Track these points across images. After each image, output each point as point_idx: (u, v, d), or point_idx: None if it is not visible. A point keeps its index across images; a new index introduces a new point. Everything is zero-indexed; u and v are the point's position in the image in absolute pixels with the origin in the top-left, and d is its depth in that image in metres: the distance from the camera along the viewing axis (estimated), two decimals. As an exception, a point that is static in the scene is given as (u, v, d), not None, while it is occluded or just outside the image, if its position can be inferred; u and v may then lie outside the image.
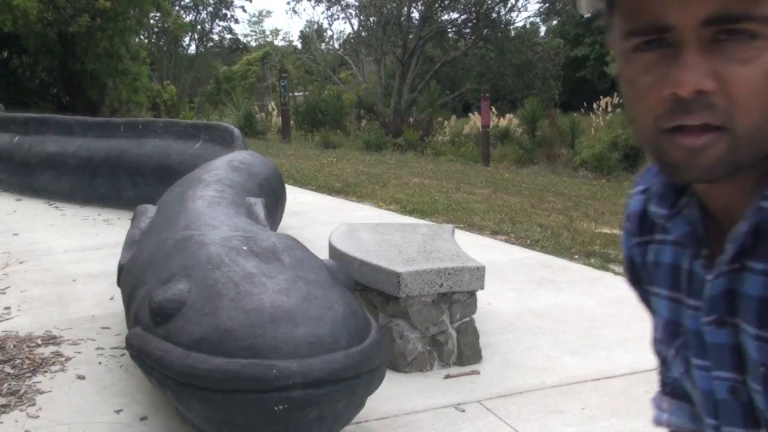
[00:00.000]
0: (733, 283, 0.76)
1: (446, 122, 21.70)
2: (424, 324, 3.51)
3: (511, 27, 26.71)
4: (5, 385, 3.33)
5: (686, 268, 0.85)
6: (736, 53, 0.65)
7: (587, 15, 0.74)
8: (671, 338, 0.89)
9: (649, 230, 0.91)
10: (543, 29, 38.01)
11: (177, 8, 26.17)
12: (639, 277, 0.98)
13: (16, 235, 6.56)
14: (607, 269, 5.39)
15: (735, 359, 0.78)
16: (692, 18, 0.64)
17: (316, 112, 20.79)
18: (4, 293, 4.80)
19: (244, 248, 2.92)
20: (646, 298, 0.98)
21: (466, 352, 3.60)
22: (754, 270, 0.74)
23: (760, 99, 0.66)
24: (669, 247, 0.87)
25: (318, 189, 9.37)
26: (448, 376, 3.48)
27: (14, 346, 3.81)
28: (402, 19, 24.01)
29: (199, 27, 29.68)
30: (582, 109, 23.72)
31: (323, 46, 33.07)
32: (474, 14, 25.13)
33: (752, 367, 0.76)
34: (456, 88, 27.61)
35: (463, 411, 3.12)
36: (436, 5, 24.37)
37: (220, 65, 33.16)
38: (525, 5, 63.79)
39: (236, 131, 6.88)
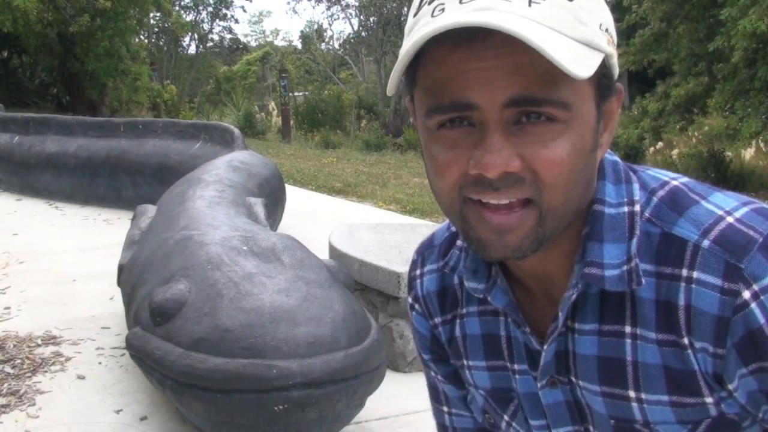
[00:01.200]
0: (561, 344, 0.79)
1: (446, 122, 21.66)
2: (424, 324, 3.51)
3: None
4: (5, 385, 3.33)
5: (504, 335, 0.85)
6: (537, 135, 0.67)
7: (391, 94, 0.74)
8: (502, 405, 0.89)
9: (452, 307, 0.91)
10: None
11: (177, 8, 26.17)
12: (443, 356, 0.96)
13: (16, 235, 6.55)
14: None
15: (573, 413, 0.82)
16: (495, 99, 0.65)
17: (316, 112, 20.77)
18: (4, 293, 4.80)
19: (244, 248, 2.92)
20: (450, 375, 0.97)
21: None
22: (583, 331, 0.77)
23: (564, 178, 0.68)
24: (476, 318, 0.88)
25: (318, 189, 9.37)
26: (448, 376, 3.48)
27: (14, 346, 3.81)
28: (402, 19, 23.99)
29: (199, 27, 29.68)
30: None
31: (323, 46, 33.08)
32: (474, 14, 25.03)
33: (598, 420, 0.79)
34: (456, 88, 27.55)
35: (463, 411, 3.12)
36: (436, 5, 24.26)
37: (220, 65, 33.14)
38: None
39: (236, 131, 6.88)
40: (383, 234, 4.20)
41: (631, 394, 0.75)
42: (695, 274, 0.69)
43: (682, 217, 0.72)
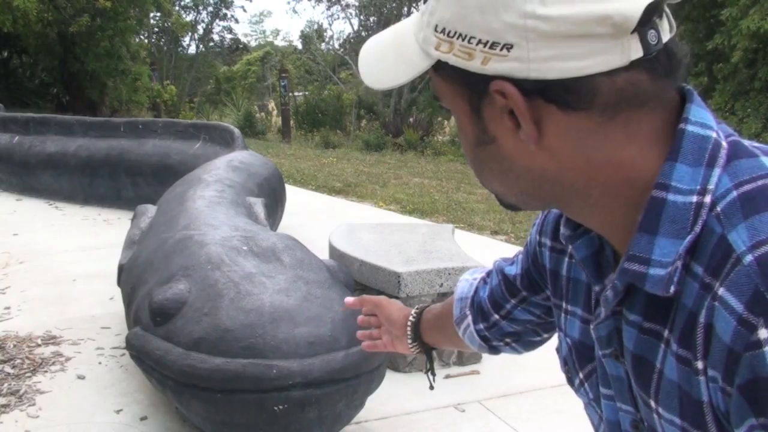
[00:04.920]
0: (609, 326, 0.76)
1: (446, 122, 21.68)
2: (424, 324, 3.51)
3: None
4: (5, 385, 3.33)
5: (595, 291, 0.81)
6: None
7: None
8: (581, 362, 0.86)
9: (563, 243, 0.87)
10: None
11: (177, 8, 26.16)
12: (539, 284, 0.96)
13: (16, 235, 6.55)
14: (607, 269, 5.39)
15: (632, 395, 0.77)
16: None
17: (316, 112, 20.77)
18: (4, 293, 4.80)
19: (244, 248, 2.92)
20: (542, 306, 0.97)
21: (466, 352, 3.60)
22: (628, 320, 0.72)
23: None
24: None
25: (318, 189, 9.37)
26: (448, 376, 3.48)
27: (14, 346, 3.81)
28: (402, 18, 24.02)
29: (199, 27, 29.68)
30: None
31: (323, 46, 33.06)
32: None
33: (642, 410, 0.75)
34: (456, 88, 27.58)
35: (463, 411, 3.12)
36: (437, 5, 24.29)
37: (220, 65, 33.13)
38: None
39: (236, 131, 6.89)
40: (383, 234, 4.20)
41: (653, 404, 0.70)
42: (721, 291, 0.60)
43: (747, 221, 0.61)
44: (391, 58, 0.75)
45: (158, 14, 21.42)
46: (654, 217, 0.66)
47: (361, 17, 26.12)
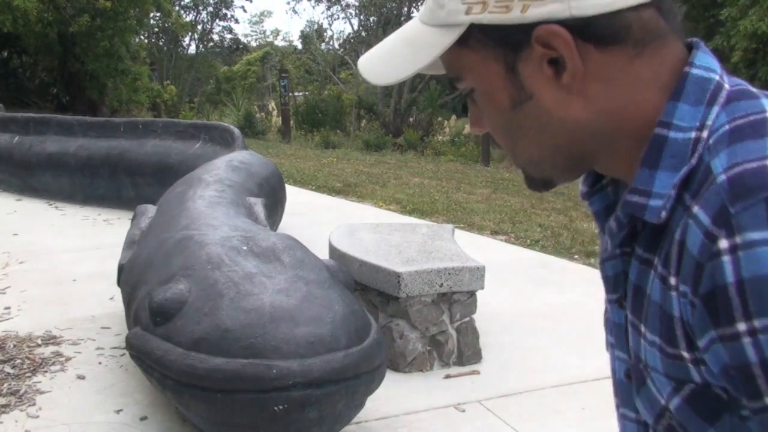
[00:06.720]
0: (617, 266, 0.78)
1: (446, 122, 21.68)
2: (424, 324, 3.51)
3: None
4: (5, 385, 3.33)
5: None
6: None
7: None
8: (607, 321, 0.87)
9: (594, 182, 0.89)
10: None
11: (177, 8, 26.16)
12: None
13: (16, 235, 6.55)
14: (607, 269, 5.39)
15: (627, 342, 0.79)
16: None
17: (316, 112, 20.77)
18: (4, 293, 4.80)
19: (244, 248, 2.92)
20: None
21: (466, 352, 3.60)
22: (635, 255, 0.75)
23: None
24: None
25: (318, 189, 9.37)
26: (448, 376, 3.48)
27: (14, 346, 3.81)
28: (402, 19, 24.00)
29: (199, 27, 29.68)
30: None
31: (323, 46, 33.06)
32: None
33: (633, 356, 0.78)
34: (456, 88, 27.59)
35: (463, 411, 3.12)
36: (436, 5, 24.26)
37: (220, 65, 33.14)
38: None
39: (236, 131, 6.89)
40: (383, 234, 4.20)
41: (642, 328, 0.73)
42: (695, 209, 0.64)
43: (729, 148, 0.65)
44: (402, 51, 0.75)
45: (158, 14, 21.42)
46: (656, 153, 0.69)
47: (361, 17, 26.12)
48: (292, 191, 7.34)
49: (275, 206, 5.73)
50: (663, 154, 0.69)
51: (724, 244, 0.60)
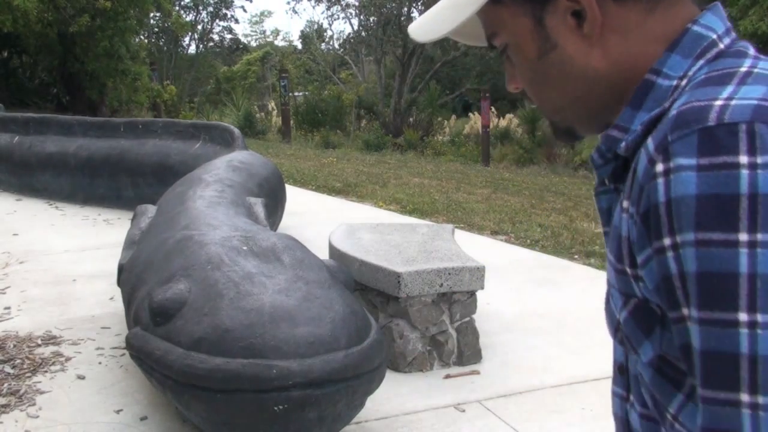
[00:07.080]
0: (605, 202, 0.84)
1: (446, 122, 21.70)
2: (424, 324, 3.51)
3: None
4: (5, 385, 3.33)
5: None
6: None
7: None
8: None
9: None
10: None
11: (177, 8, 26.16)
12: None
13: (16, 235, 6.55)
14: (607, 269, 5.39)
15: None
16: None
17: (316, 112, 20.77)
18: (4, 293, 4.80)
19: (244, 248, 2.92)
20: None
21: (466, 352, 3.60)
22: (616, 188, 0.81)
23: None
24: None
25: (318, 189, 9.36)
26: (448, 376, 3.48)
27: (14, 346, 3.81)
28: (402, 19, 24.00)
29: (199, 27, 29.68)
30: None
31: (323, 46, 33.08)
32: (474, 14, 24.98)
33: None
34: (456, 88, 27.59)
35: (463, 411, 3.12)
36: (437, 5, 24.24)
37: (220, 65, 33.15)
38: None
39: (236, 131, 6.88)
40: (383, 234, 4.20)
41: (607, 252, 0.79)
42: (648, 140, 0.70)
43: (691, 92, 0.71)
44: (446, 12, 0.83)
45: (158, 14, 21.40)
46: (641, 96, 0.77)
47: (361, 17, 26.11)
48: (292, 191, 7.34)
49: (275, 206, 5.73)
50: (648, 97, 0.76)
51: (659, 167, 0.67)
